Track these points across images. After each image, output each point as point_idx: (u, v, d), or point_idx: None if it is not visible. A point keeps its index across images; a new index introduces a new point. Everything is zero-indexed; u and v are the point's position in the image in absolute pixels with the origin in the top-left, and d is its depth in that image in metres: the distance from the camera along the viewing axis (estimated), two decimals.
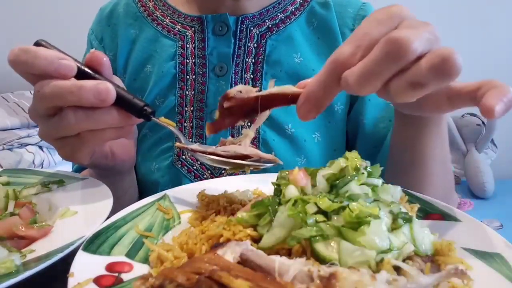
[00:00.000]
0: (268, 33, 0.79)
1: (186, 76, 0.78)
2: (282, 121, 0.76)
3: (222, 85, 0.77)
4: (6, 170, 0.69)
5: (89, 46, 0.87)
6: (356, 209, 0.40)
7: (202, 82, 0.77)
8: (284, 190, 0.45)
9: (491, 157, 2.40)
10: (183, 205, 0.54)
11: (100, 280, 0.38)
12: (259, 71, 0.78)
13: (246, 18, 0.78)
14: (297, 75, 0.78)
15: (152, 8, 0.83)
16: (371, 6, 0.83)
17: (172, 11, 0.82)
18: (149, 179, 0.78)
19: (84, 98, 0.49)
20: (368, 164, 0.47)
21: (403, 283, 0.33)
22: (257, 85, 0.77)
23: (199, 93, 0.77)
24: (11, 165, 1.70)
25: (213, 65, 0.77)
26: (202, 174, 0.76)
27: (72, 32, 1.83)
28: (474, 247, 0.43)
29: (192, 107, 0.77)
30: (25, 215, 0.51)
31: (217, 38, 0.78)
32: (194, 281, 0.32)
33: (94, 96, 0.49)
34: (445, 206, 0.52)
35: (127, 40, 0.82)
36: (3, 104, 2.01)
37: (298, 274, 0.34)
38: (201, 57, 0.78)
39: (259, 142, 0.76)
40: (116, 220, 0.48)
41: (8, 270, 0.40)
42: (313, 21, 0.81)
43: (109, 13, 0.86)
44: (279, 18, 0.80)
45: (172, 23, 0.80)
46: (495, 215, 1.99)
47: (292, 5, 0.81)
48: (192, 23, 0.79)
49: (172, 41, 0.79)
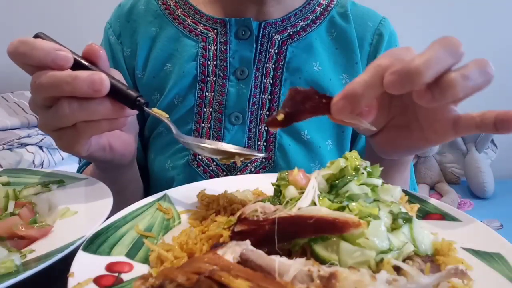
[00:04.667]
0: (289, 40, 0.80)
1: (207, 77, 0.78)
2: (299, 127, 0.77)
3: (242, 88, 0.77)
4: (6, 170, 0.69)
5: (106, 40, 0.87)
6: (355, 209, 0.40)
7: (222, 84, 0.78)
8: (284, 191, 0.45)
9: (491, 157, 2.41)
10: (183, 205, 0.54)
11: (100, 280, 0.38)
12: (279, 77, 0.78)
13: (269, 24, 0.79)
14: (315, 83, 0.79)
15: (173, 6, 0.83)
16: (389, 22, 0.84)
17: (194, 11, 0.82)
18: (164, 176, 0.79)
19: (78, 88, 0.49)
20: (367, 164, 0.47)
21: (403, 283, 0.33)
22: (275, 91, 0.78)
23: (219, 95, 0.78)
24: (11, 165, 1.70)
25: (234, 68, 0.78)
26: (218, 174, 0.77)
27: (73, 32, 1.83)
28: (474, 247, 0.43)
29: (211, 108, 0.78)
30: (25, 215, 0.51)
31: (239, 42, 0.78)
32: (194, 281, 0.32)
33: (88, 86, 0.49)
34: (445, 206, 0.52)
35: (148, 37, 0.82)
36: (3, 104, 2.01)
37: (298, 274, 0.34)
38: (222, 59, 0.78)
39: (275, 146, 0.77)
40: (116, 220, 0.48)
41: (8, 270, 0.40)
42: (332, 31, 0.82)
43: (129, 9, 0.86)
44: (300, 26, 0.81)
45: (194, 23, 0.81)
46: (495, 215, 1.99)
47: (313, 13, 0.82)
48: (215, 25, 0.80)
49: (194, 42, 0.80)
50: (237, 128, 0.77)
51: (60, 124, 0.53)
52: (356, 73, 0.80)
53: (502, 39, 2.39)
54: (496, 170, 2.30)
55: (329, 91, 0.78)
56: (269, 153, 0.77)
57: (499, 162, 2.41)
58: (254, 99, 0.78)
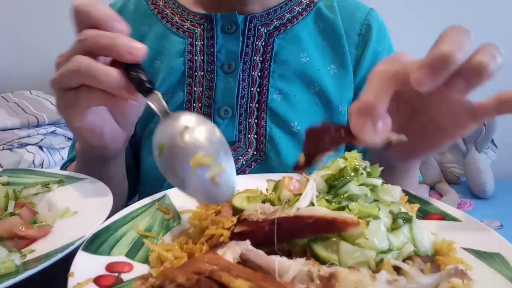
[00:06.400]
0: (275, 32, 0.80)
1: (195, 72, 0.79)
2: (289, 119, 0.78)
3: (230, 82, 0.78)
4: (6, 170, 0.69)
5: None
6: (355, 209, 0.40)
7: (210, 79, 0.78)
8: (277, 194, 0.45)
9: (491, 157, 2.40)
10: (183, 205, 0.54)
11: (100, 280, 0.38)
12: (267, 69, 0.79)
13: (255, 17, 0.79)
14: (303, 74, 0.79)
15: (162, 6, 0.84)
16: (377, 13, 0.85)
17: (182, 9, 0.83)
18: (156, 174, 0.78)
19: (116, 46, 0.51)
20: (367, 164, 0.47)
21: (403, 283, 0.33)
22: (264, 83, 0.78)
23: (207, 89, 0.79)
24: (11, 165, 1.70)
25: (222, 63, 0.79)
26: None
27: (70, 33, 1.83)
28: (474, 247, 0.43)
29: (201, 103, 0.79)
30: (25, 215, 0.51)
31: (226, 36, 0.79)
32: (194, 281, 0.32)
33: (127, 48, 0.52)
34: (445, 206, 0.52)
35: (137, 36, 0.82)
36: (3, 104, 2.00)
37: (298, 274, 0.34)
38: (209, 54, 0.79)
39: (265, 138, 0.77)
40: (116, 220, 0.48)
41: (8, 270, 0.40)
42: (319, 23, 0.82)
43: (119, 9, 0.87)
44: (286, 18, 0.81)
45: (182, 20, 0.82)
46: (495, 215, 1.99)
47: (299, 5, 0.83)
48: (201, 21, 0.80)
49: (181, 38, 0.81)
50: (227, 122, 0.78)
51: (67, 77, 0.53)
52: (344, 64, 0.81)
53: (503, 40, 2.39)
54: (496, 170, 2.29)
55: (317, 81, 0.79)
56: (260, 146, 0.77)
57: (499, 162, 2.41)
58: (242, 92, 0.78)
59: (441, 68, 0.41)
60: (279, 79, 0.79)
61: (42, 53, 1.84)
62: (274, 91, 0.78)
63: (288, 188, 0.45)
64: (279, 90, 0.78)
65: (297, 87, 0.79)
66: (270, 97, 0.78)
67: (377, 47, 0.83)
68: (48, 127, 1.90)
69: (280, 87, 0.79)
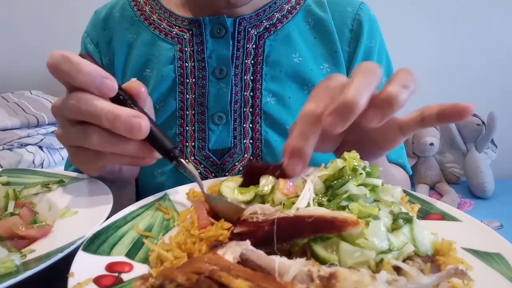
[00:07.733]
0: (266, 33, 0.79)
1: (186, 79, 0.77)
2: (284, 121, 0.76)
3: (222, 87, 0.76)
4: (6, 170, 0.69)
5: (83, 50, 0.86)
6: (355, 209, 0.40)
7: (202, 85, 0.77)
8: (271, 197, 0.45)
9: (491, 157, 2.40)
10: (183, 205, 0.54)
11: (100, 280, 0.38)
12: (259, 72, 0.77)
13: (244, 19, 0.78)
14: (296, 74, 0.78)
15: (149, 12, 0.82)
16: (368, 7, 0.84)
17: (169, 14, 0.81)
18: (154, 182, 0.78)
19: (116, 127, 0.48)
20: (366, 164, 0.47)
21: (403, 283, 0.33)
22: (257, 86, 0.77)
23: (200, 96, 0.77)
24: (11, 165, 1.70)
25: (213, 68, 0.77)
26: (207, 176, 0.76)
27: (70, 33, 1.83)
28: (474, 247, 0.43)
29: (194, 110, 0.77)
30: (25, 215, 0.51)
31: (215, 40, 0.77)
32: (194, 281, 0.32)
33: (126, 129, 0.48)
34: (445, 206, 0.52)
35: (124, 44, 0.82)
36: (3, 104, 2.01)
37: (298, 274, 0.34)
38: (200, 60, 0.77)
39: (261, 143, 0.76)
40: (116, 220, 0.48)
41: (8, 270, 0.40)
42: (309, 20, 0.81)
43: (105, 17, 0.85)
44: (276, 18, 0.80)
45: (169, 26, 0.80)
46: (495, 215, 1.99)
47: (287, 3, 0.81)
48: (189, 26, 0.79)
49: (170, 45, 0.78)
50: (222, 128, 0.76)
51: (83, 145, 0.52)
52: (337, 62, 0.80)
53: (501, 39, 2.39)
54: (496, 170, 2.29)
55: (311, 81, 0.78)
56: (256, 150, 0.76)
57: (499, 162, 2.41)
58: (236, 97, 0.76)
59: (347, 115, 0.44)
60: (272, 81, 0.77)
61: (42, 53, 1.83)
62: (268, 94, 0.76)
63: (282, 191, 0.45)
64: (272, 92, 0.77)
65: (291, 89, 0.78)
66: (264, 100, 0.76)
67: (369, 43, 0.82)
68: (48, 127, 1.90)
69: (274, 89, 0.77)
